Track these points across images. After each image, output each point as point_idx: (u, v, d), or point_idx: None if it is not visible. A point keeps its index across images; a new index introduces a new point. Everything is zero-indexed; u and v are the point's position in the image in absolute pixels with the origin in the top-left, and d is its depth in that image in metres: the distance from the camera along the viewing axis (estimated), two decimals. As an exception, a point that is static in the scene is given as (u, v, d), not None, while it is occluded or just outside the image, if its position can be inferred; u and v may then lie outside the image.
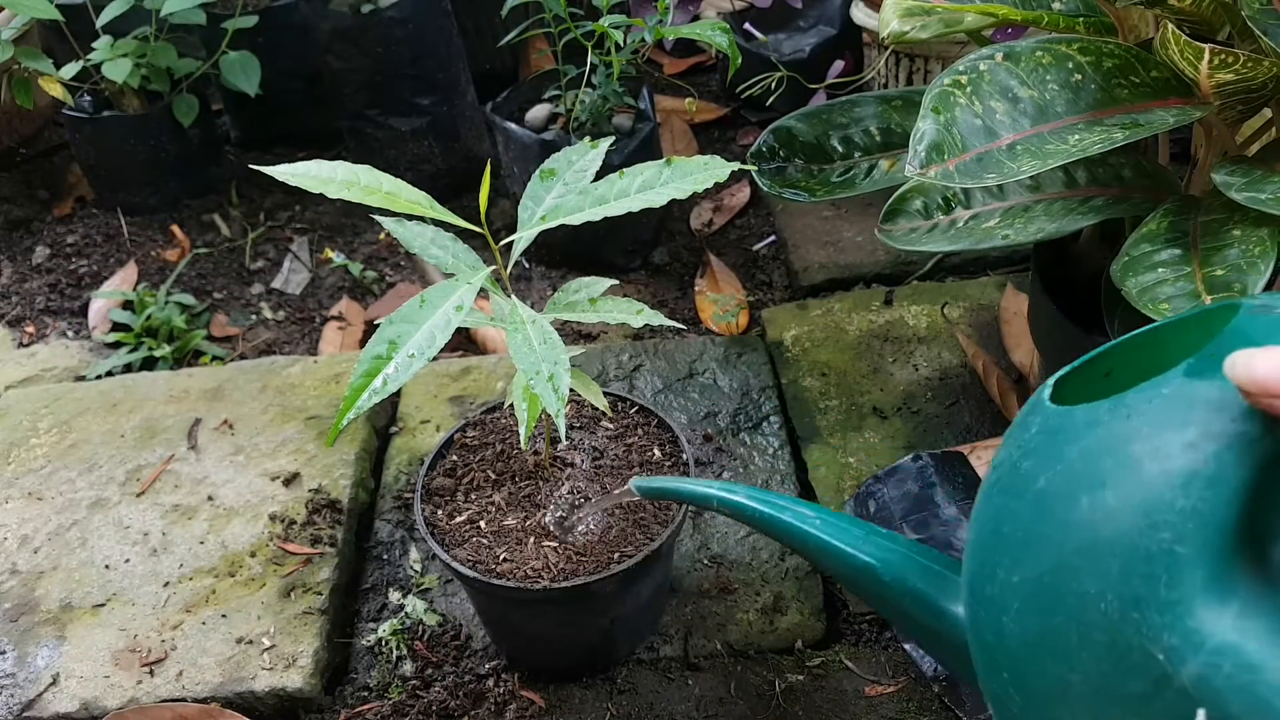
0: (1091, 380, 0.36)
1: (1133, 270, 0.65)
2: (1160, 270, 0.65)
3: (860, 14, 1.37)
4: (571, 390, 0.65)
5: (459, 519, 0.77)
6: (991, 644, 0.36)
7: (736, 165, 0.64)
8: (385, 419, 1.09)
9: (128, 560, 0.93)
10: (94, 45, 1.37)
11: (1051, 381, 0.37)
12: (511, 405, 0.79)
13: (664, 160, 0.64)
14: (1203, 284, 0.62)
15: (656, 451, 0.82)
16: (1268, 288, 0.62)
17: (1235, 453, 0.31)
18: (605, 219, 0.63)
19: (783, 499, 0.50)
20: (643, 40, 1.13)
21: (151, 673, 0.84)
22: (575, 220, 0.63)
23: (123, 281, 1.36)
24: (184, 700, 0.81)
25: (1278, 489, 0.32)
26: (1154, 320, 0.59)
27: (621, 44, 1.12)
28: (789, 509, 0.49)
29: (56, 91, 1.36)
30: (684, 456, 0.80)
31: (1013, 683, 0.35)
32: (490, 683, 0.81)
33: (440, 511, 0.78)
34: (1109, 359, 0.38)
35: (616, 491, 0.71)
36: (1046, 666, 0.33)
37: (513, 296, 0.63)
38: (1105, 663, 0.32)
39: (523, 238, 0.66)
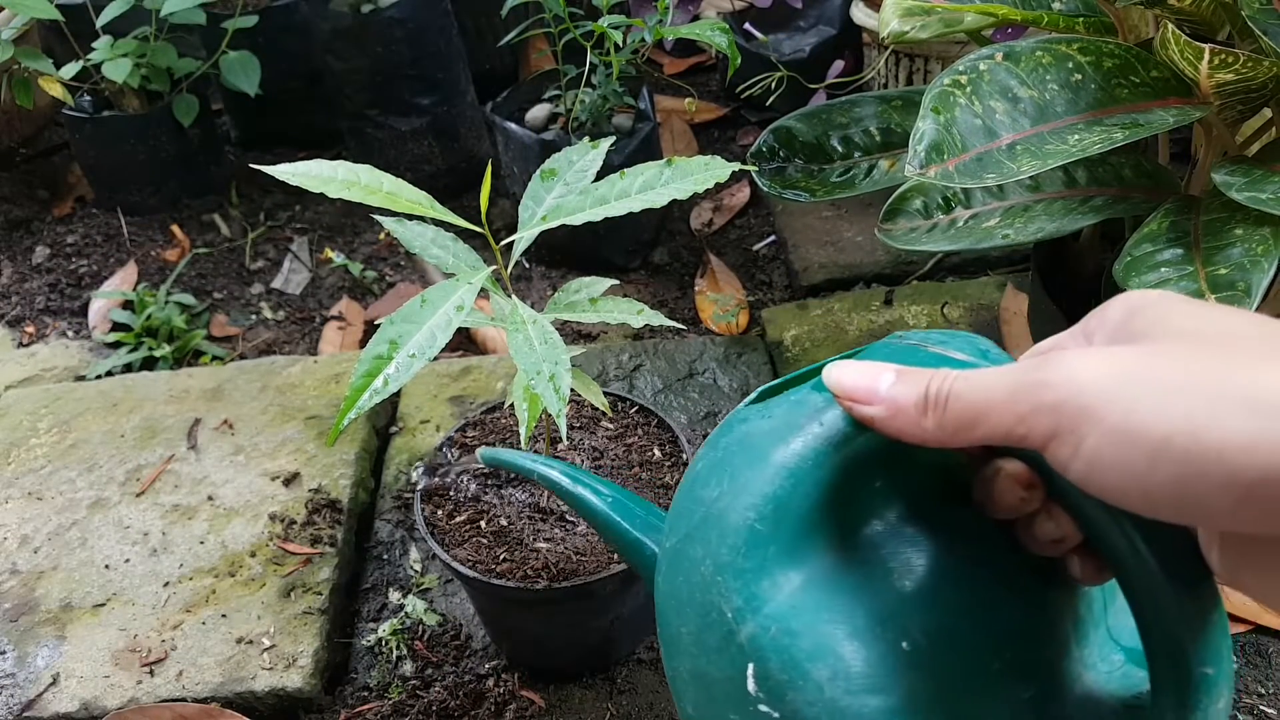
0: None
1: (1135, 271, 0.65)
2: (1163, 270, 0.65)
3: (860, 14, 1.37)
4: (571, 390, 0.65)
5: (459, 519, 0.77)
6: (654, 600, 0.41)
7: (737, 165, 0.64)
8: (385, 419, 1.09)
9: (128, 560, 0.93)
10: (94, 45, 1.37)
11: (761, 389, 0.41)
12: (512, 405, 0.79)
13: (664, 160, 0.64)
14: (1206, 283, 0.62)
15: (656, 451, 0.82)
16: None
17: (815, 453, 0.35)
18: (606, 219, 0.63)
19: (588, 477, 0.55)
20: (642, 40, 1.13)
21: (151, 673, 0.84)
22: (576, 220, 0.62)
23: (123, 281, 1.36)
24: (184, 700, 0.81)
25: (859, 488, 0.36)
26: None
27: (621, 44, 1.12)
28: (589, 485, 0.54)
29: (56, 91, 1.36)
30: (684, 457, 0.80)
31: (660, 635, 0.40)
32: (490, 683, 0.81)
33: (440, 511, 0.78)
34: (812, 375, 0.42)
35: (466, 459, 0.72)
36: (670, 619, 0.39)
37: (513, 296, 0.63)
38: (698, 617, 0.37)
39: (523, 238, 0.66)
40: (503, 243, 0.66)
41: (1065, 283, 0.87)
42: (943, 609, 0.36)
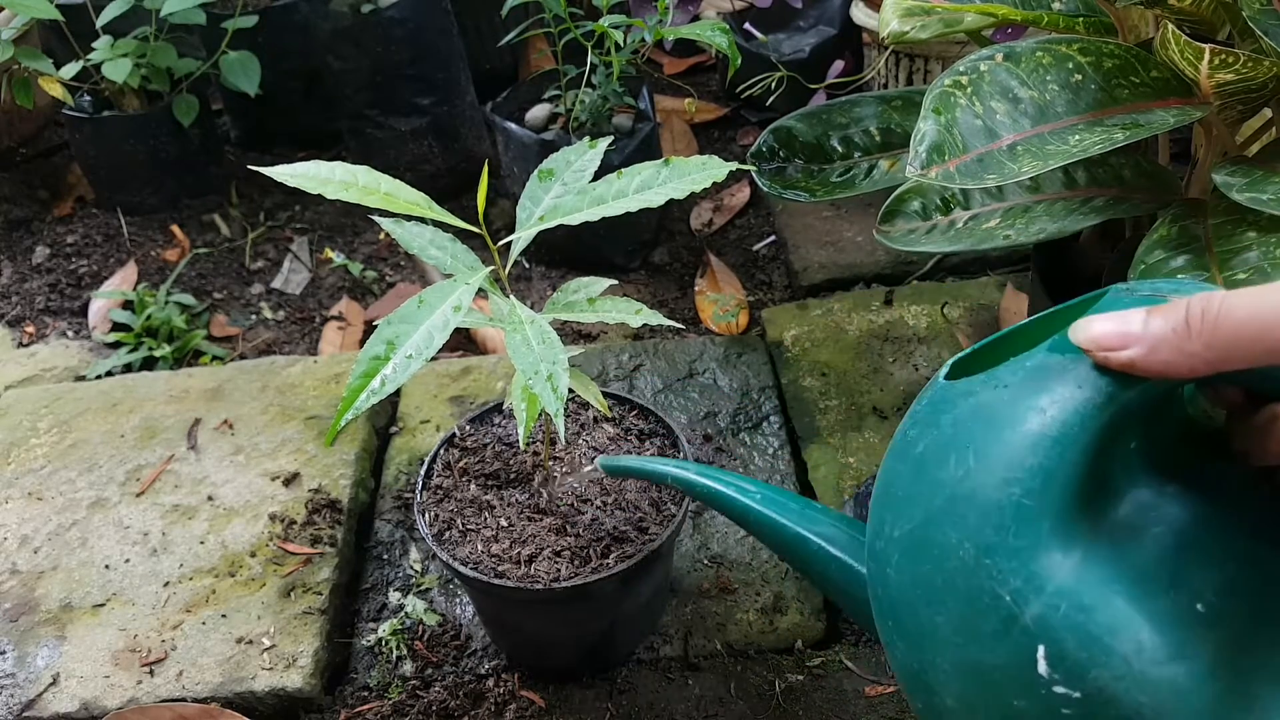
0: (998, 360, 0.39)
1: (1153, 276, 0.65)
2: (1180, 277, 0.64)
3: (860, 14, 1.37)
4: (571, 391, 0.65)
5: (459, 519, 0.77)
6: (880, 595, 0.39)
7: (735, 165, 0.64)
8: (385, 419, 1.09)
9: (128, 560, 0.93)
10: (94, 45, 1.37)
11: (951, 361, 0.40)
12: (511, 405, 0.79)
13: (662, 160, 0.64)
14: (1225, 289, 0.62)
15: (656, 452, 0.82)
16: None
17: (1080, 417, 0.34)
18: (605, 219, 0.63)
19: (728, 475, 0.53)
20: (643, 40, 1.13)
21: (151, 673, 0.84)
22: (573, 220, 0.62)
23: (123, 281, 1.36)
24: (184, 700, 0.81)
25: (1118, 452, 0.35)
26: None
27: (621, 44, 1.12)
28: (732, 483, 0.53)
29: (56, 91, 1.36)
30: (683, 457, 0.80)
31: (896, 629, 0.38)
32: (490, 683, 0.81)
33: (440, 511, 0.78)
34: (1013, 341, 0.41)
35: (586, 469, 0.72)
36: (919, 611, 0.37)
37: (511, 297, 0.63)
38: (963, 605, 0.35)
39: (521, 238, 0.66)
40: (501, 243, 0.65)
41: (1065, 283, 0.87)
42: (1225, 564, 0.35)
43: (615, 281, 0.76)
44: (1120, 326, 0.34)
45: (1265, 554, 0.35)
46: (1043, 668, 0.33)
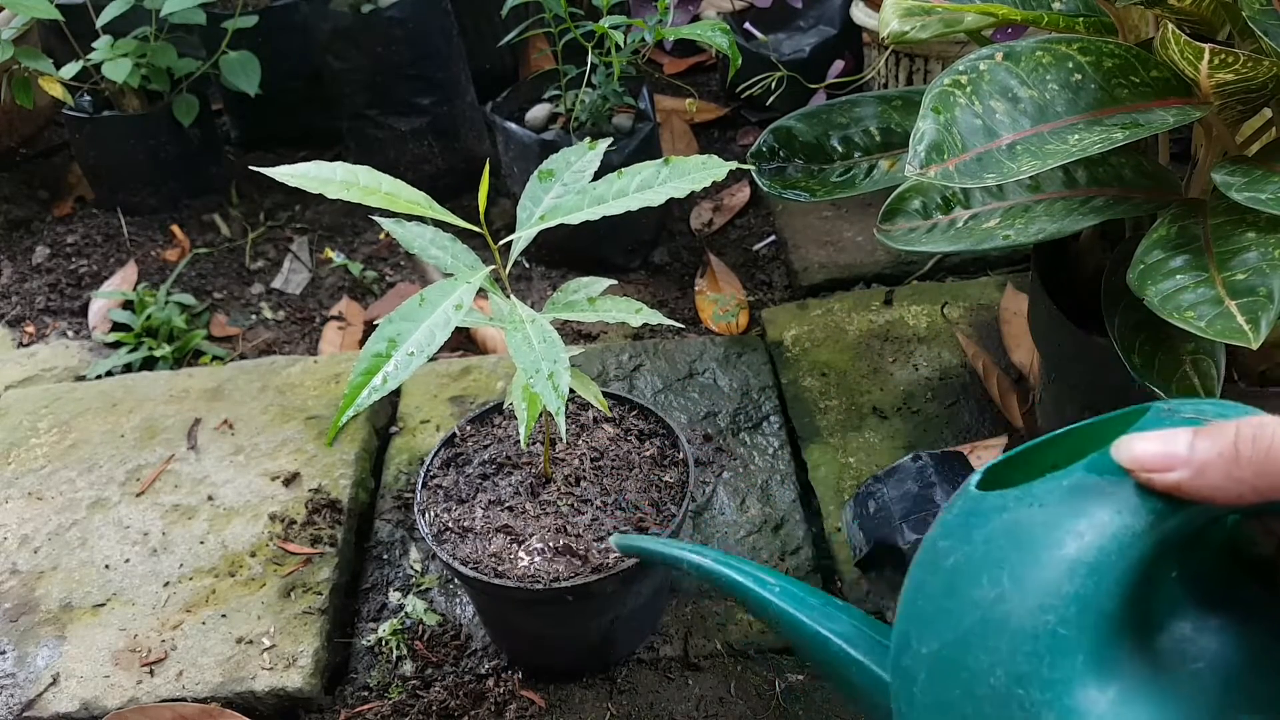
0: (1037, 469, 0.38)
1: (1150, 279, 0.65)
2: (1179, 277, 0.64)
3: (860, 14, 1.37)
4: (571, 391, 0.65)
5: (459, 519, 0.77)
6: (904, 712, 0.37)
7: (735, 165, 0.64)
8: (385, 419, 1.09)
9: (128, 560, 0.93)
10: (94, 45, 1.37)
11: (984, 469, 0.39)
12: (512, 405, 0.79)
13: (662, 160, 0.64)
14: (1224, 289, 0.62)
15: (656, 452, 0.82)
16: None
17: (1118, 543, 0.33)
18: (605, 219, 0.63)
19: (747, 565, 0.52)
20: (643, 40, 1.13)
21: (151, 673, 0.84)
22: (573, 220, 0.63)
23: (123, 281, 1.36)
24: (184, 700, 0.81)
25: (1158, 581, 0.34)
26: (1180, 325, 0.59)
27: (621, 44, 1.12)
28: (750, 574, 0.51)
29: (56, 91, 1.36)
30: (682, 457, 0.80)
31: None
32: (490, 683, 0.81)
33: (440, 511, 0.78)
34: (1048, 451, 0.40)
35: (600, 549, 0.72)
36: None
37: (512, 296, 0.63)
38: None
39: (521, 238, 0.66)
40: (501, 243, 0.66)
41: (1065, 283, 0.87)
42: (1271, 702, 0.33)
43: (615, 281, 0.76)
44: (1166, 447, 0.33)
45: None
46: None
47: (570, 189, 0.67)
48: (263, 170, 0.61)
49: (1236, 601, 0.35)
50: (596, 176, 0.67)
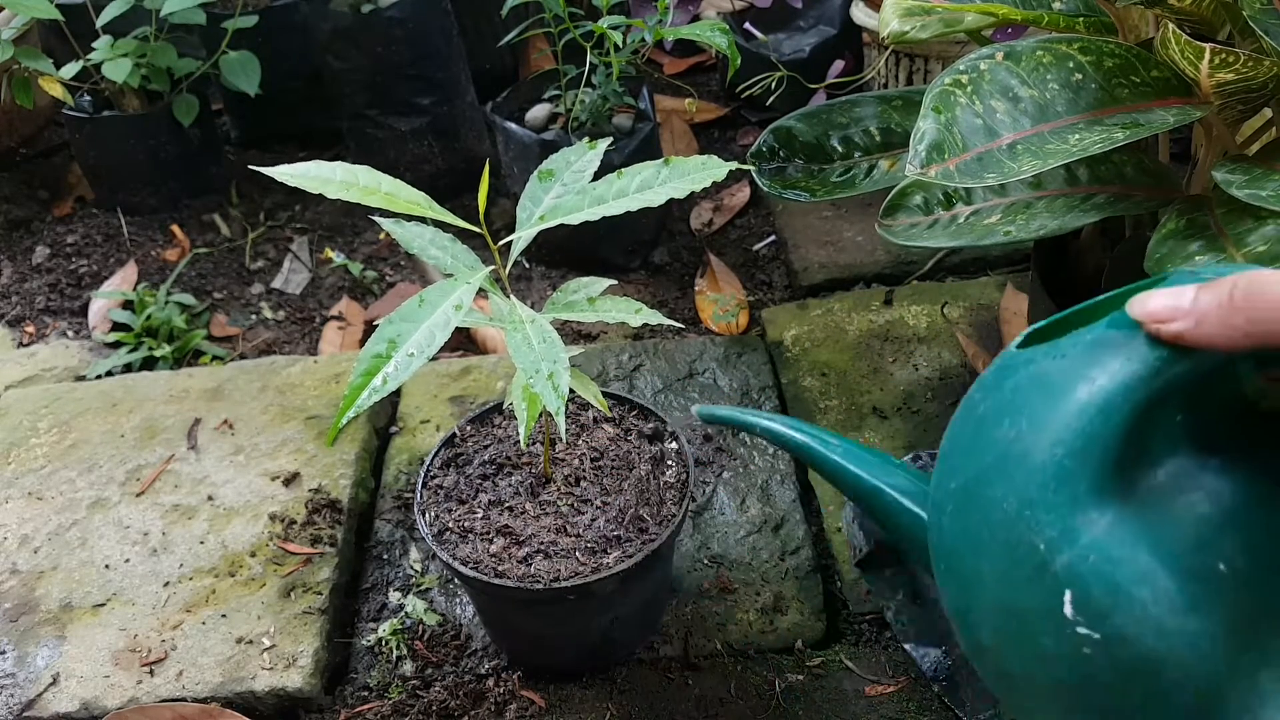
0: (1072, 330, 0.42)
1: (1170, 261, 0.65)
2: (1197, 259, 0.65)
3: (860, 14, 1.37)
4: (571, 391, 0.65)
5: (459, 518, 0.77)
6: (935, 541, 0.43)
7: (734, 165, 0.64)
8: (385, 419, 1.09)
9: (128, 560, 0.93)
10: (94, 45, 1.37)
11: (1025, 332, 0.43)
12: (511, 405, 0.79)
13: (662, 160, 0.64)
14: (1247, 261, 0.62)
15: (656, 452, 0.82)
16: None
17: (1124, 388, 0.37)
18: (605, 219, 0.63)
19: (813, 429, 0.58)
20: (642, 40, 1.13)
21: (151, 672, 0.84)
22: (573, 220, 0.63)
23: (123, 281, 1.36)
24: (184, 700, 0.81)
25: (1161, 422, 0.38)
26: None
27: (621, 44, 1.12)
28: (816, 436, 0.57)
29: (56, 91, 1.36)
30: (683, 457, 0.80)
31: (948, 573, 0.42)
32: (490, 683, 0.81)
33: (440, 511, 0.78)
34: (1086, 314, 0.43)
35: (688, 415, 0.74)
36: (966, 557, 0.40)
37: (512, 296, 0.63)
38: (1003, 552, 0.38)
39: (521, 238, 0.66)
40: (501, 243, 0.66)
41: (1065, 283, 0.87)
42: (1255, 532, 0.37)
43: (615, 281, 0.76)
44: (1172, 301, 0.36)
45: None
46: (1069, 610, 0.36)
47: (570, 189, 0.67)
48: (263, 170, 0.61)
49: (1241, 446, 0.39)
50: (596, 176, 0.67)
